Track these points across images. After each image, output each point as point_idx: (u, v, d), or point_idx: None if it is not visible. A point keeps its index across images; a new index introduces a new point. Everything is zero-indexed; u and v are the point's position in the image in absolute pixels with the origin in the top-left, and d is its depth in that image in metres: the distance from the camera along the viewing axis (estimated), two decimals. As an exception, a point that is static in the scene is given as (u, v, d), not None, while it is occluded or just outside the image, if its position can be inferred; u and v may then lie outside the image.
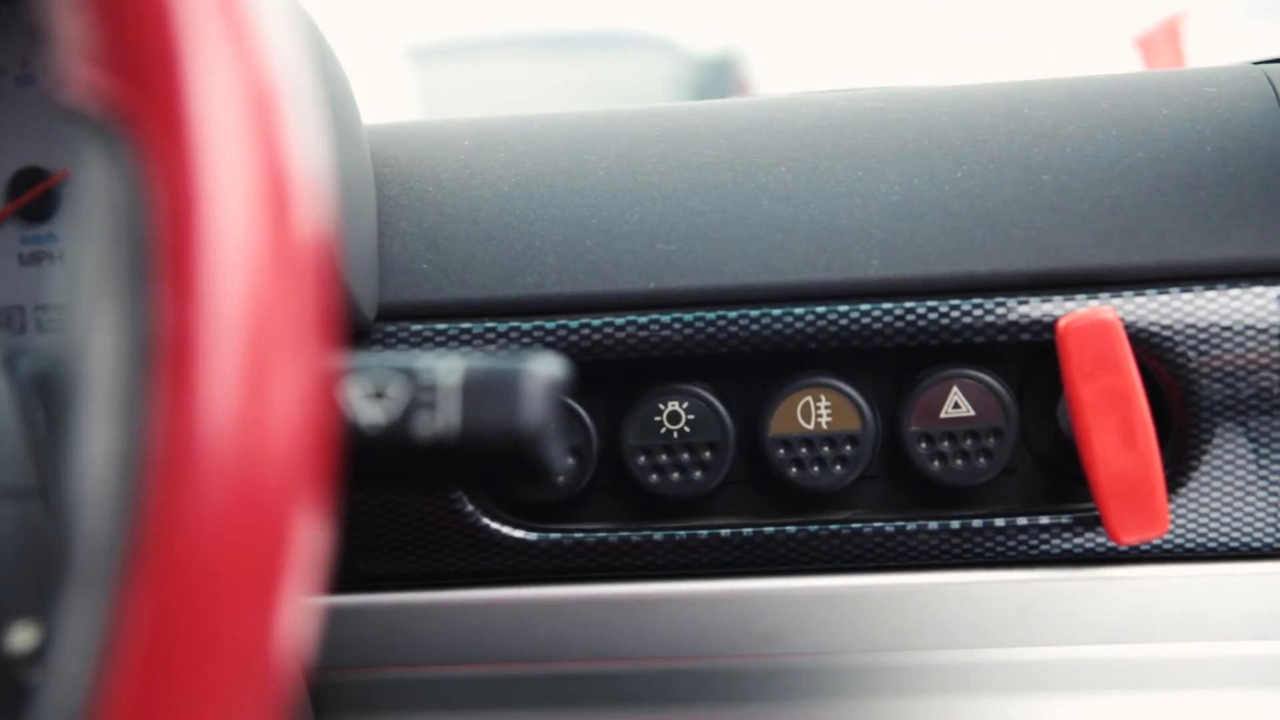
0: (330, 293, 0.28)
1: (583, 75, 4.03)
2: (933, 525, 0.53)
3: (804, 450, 0.52)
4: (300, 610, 0.27)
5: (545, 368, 0.35)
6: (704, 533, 0.53)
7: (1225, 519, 0.52)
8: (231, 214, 0.26)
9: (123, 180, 0.26)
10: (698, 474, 0.53)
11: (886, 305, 0.51)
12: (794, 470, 0.53)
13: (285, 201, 0.27)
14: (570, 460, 0.53)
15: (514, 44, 4.30)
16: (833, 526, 0.53)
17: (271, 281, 0.26)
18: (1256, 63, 0.57)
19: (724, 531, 0.53)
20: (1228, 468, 0.52)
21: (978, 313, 0.51)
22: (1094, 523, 0.52)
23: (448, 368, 0.35)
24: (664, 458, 0.53)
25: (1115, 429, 0.49)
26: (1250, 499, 0.52)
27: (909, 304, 0.51)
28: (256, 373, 0.26)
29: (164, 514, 0.25)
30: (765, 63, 4.27)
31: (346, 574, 0.54)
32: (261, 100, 0.27)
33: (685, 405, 0.53)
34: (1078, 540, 0.52)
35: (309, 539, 0.27)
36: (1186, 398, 0.51)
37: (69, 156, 0.27)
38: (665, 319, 0.52)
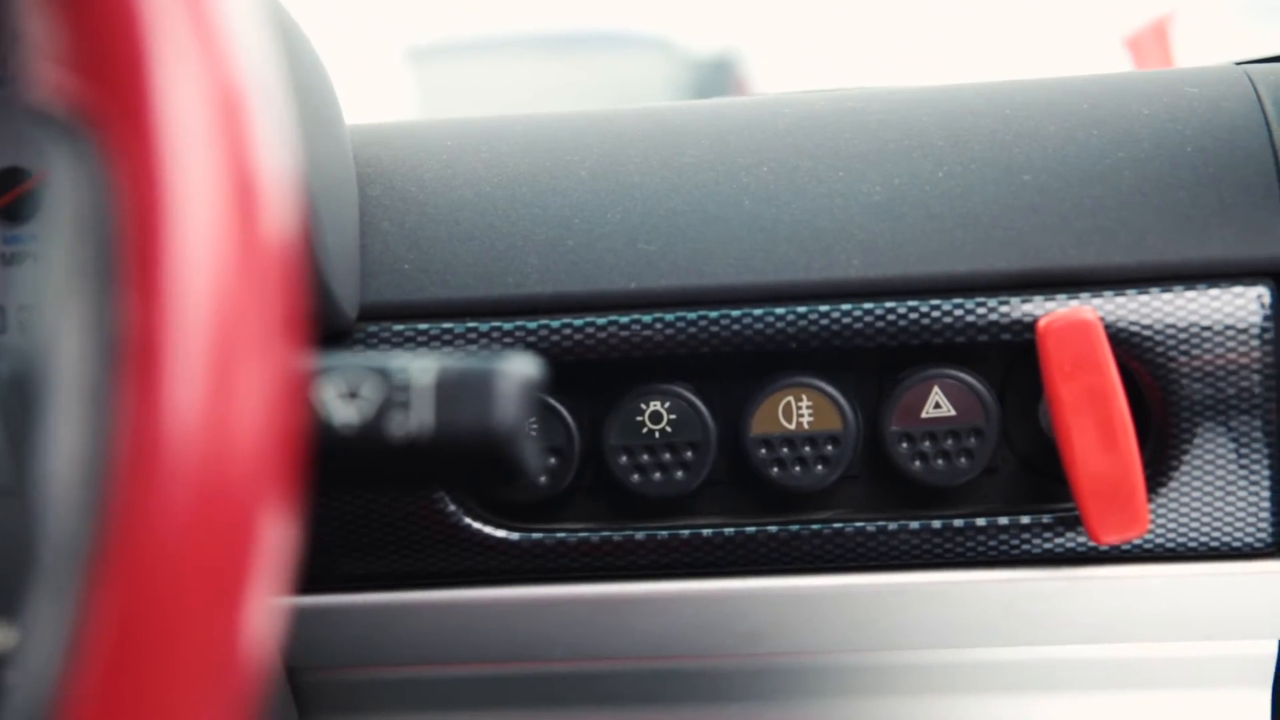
0: (299, 294, 0.28)
1: (582, 75, 4.03)
2: (914, 525, 0.53)
3: (785, 450, 0.53)
4: (268, 609, 0.27)
5: (519, 367, 0.35)
6: (685, 532, 0.53)
7: (1205, 519, 0.52)
8: (198, 215, 0.26)
9: (90, 182, 0.26)
10: (679, 474, 0.53)
11: (867, 305, 0.52)
12: (775, 470, 0.53)
13: (252, 203, 0.27)
14: (552, 460, 0.53)
15: (513, 44, 4.30)
16: (814, 526, 0.53)
17: (238, 282, 0.26)
18: (1239, 63, 0.57)
19: (705, 531, 0.53)
20: (1208, 468, 0.52)
21: (958, 313, 0.51)
22: (1075, 522, 0.52)
23: (422, 367, 0.35)
24: (646, 457, 0.53)
25: (1095, 429, 0.50)
26: (1230, 499, 0.52)
27: (889, 304, 0.52)
28: (222, 373, 0.26)
29: (130, 513, 0.25)
30: (764, 63, 4.27)
31: (329, 574, 0.54)
32: (229, 102, 0.27)
33: (667, 405, 0.53)
34: (1059, 540, 0.53)
35: (276, 538, 0.27)
36: (1166, 398, 0.51)
37: (39, 157, 0.28)
38: (646, 319, 0.52)
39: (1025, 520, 0.53)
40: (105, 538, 0.25)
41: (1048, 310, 0.51)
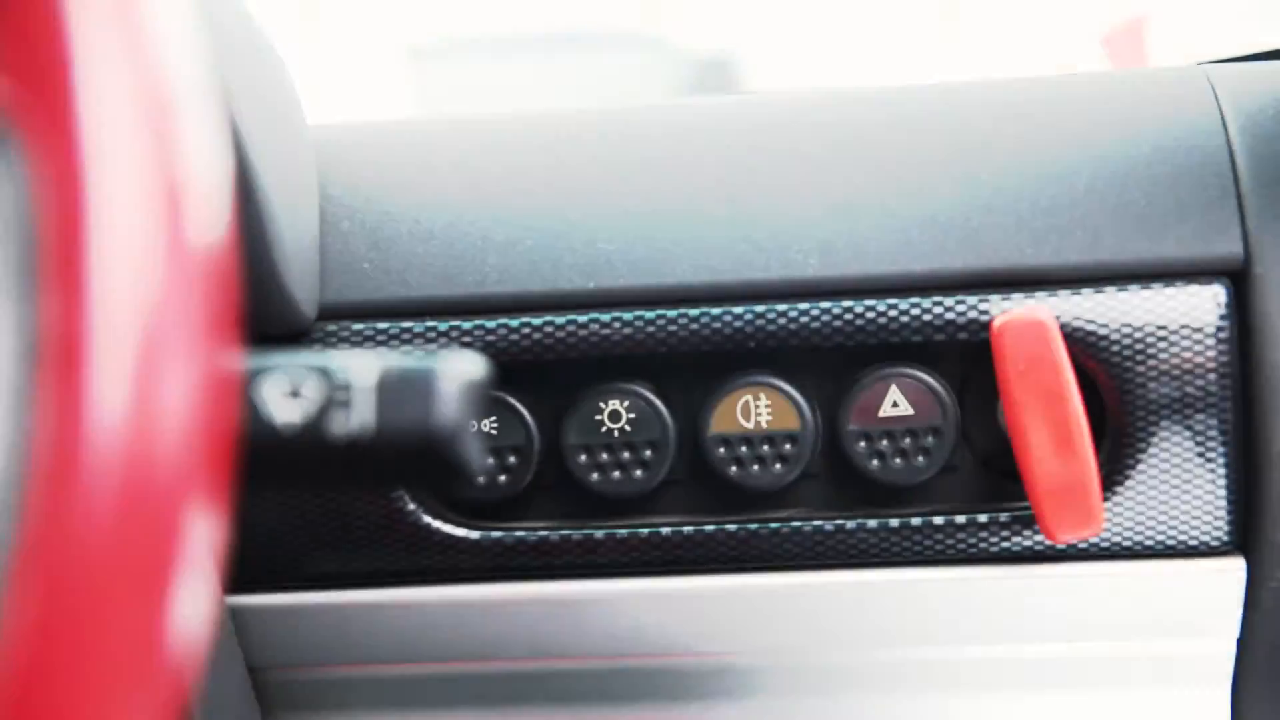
0: (227, 295, 0.28)
1: (582, 75, 4.03)
2: (872, 524, 0.53)
3: (744, 449, 0.53)
4: (195, 607, 0.27)
5: (462, 367, 0.35)
6: (645, 531, 0.54)
7: (1163, 517, 0.52)
8: (120, 216, 0.26)
9: (11, 180, 0.26)
10: (638, 473, 0.53)
11: (825, 304, 0.52)
12: (734, 469, 0.53)
13: (177, 204, 0.27)
14: (512, 458, 0.53)
15: (512, 44, 4.30)
16: (773, 525, 0.53)
17: (161, 283, 0.27)
18: (1200, 63, 0.58)
19: (665, 530, 0.54)
20: (1165, 466, 0.52)
21: (915, 312, 0.51)
22: (1031, 521, 0.53)
23: (363, 367, 0.35)
24: (605, 456, 0.53)
25: (1049, 428, 0.50)
26: (1188, 497, 0.52)
27: (847, 303, 0.52)
28: (145, 374, 0.26)
29: (51, 513, 0.25)
30: (762, 63, 4.27)
31: (290, 573, 0.55)
32: (154, 103, 0.27)
33: (626, 404, 0.53)
34: (1016, 539, 0.53)
35: (202, 537, 0.27)
36: (1123, 397, 0.51)
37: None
38: (605, 318, 0.52)
39: (983, 519, 0.53)
40: (26, 537, 0.25)
41: (1004, 309, 0.51)
